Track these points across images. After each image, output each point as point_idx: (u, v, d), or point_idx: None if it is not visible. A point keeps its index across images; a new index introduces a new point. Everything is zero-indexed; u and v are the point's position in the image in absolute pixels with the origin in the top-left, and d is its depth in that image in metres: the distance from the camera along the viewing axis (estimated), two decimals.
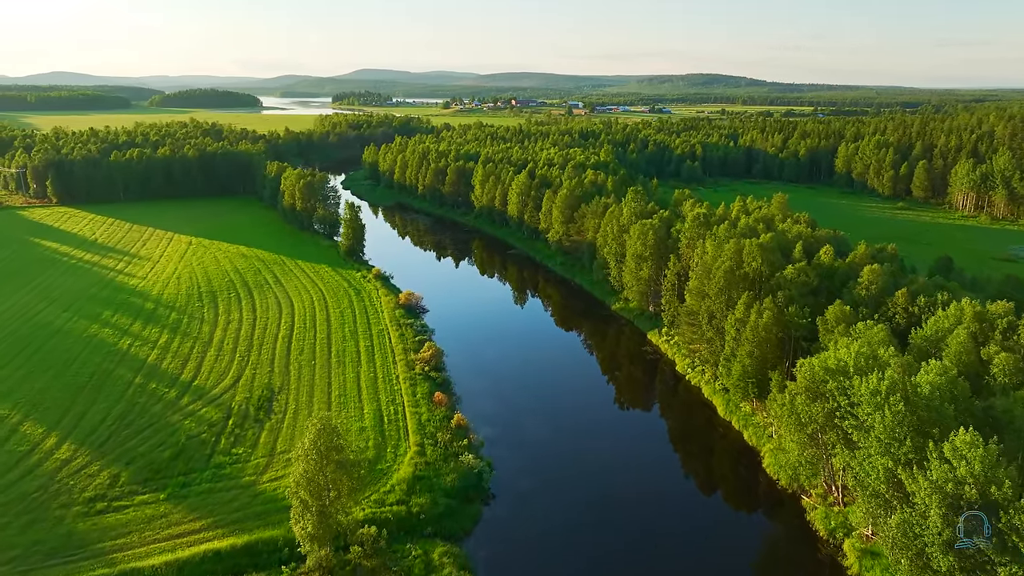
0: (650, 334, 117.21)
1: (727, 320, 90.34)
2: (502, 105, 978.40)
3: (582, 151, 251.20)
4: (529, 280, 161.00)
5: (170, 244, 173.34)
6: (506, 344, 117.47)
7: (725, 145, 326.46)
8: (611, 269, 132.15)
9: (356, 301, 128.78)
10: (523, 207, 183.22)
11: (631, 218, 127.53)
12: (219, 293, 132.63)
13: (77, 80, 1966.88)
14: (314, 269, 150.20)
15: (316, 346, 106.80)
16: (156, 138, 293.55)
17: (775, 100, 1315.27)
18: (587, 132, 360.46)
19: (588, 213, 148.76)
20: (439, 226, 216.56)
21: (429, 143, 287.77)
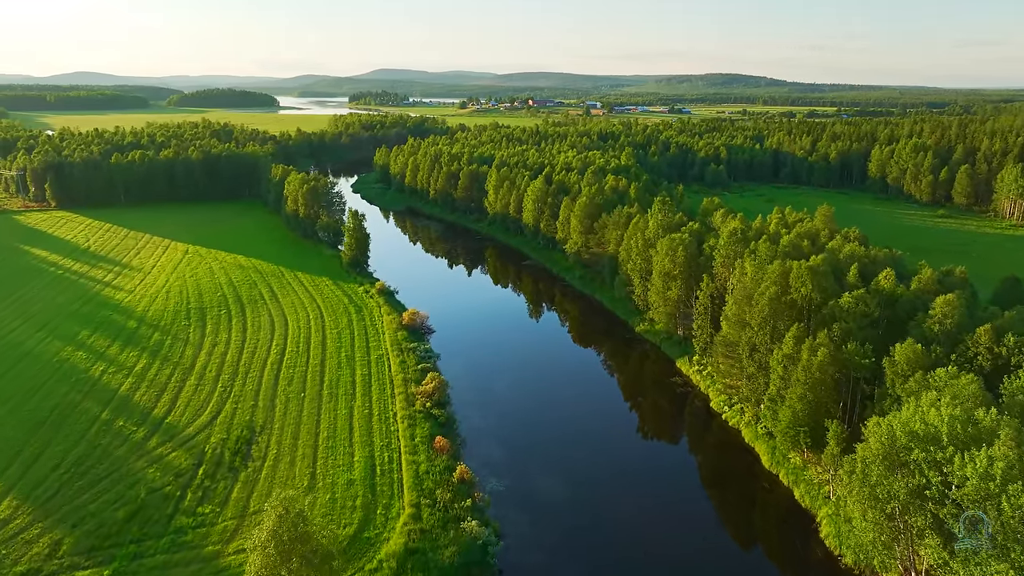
0: (679, 362, 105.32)
1: (772, 355, 78.47)
2: (519, 105, 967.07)
3: (601, 154, 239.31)
4: (545, 294, 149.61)
5: (165, 253, 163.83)
6: (518, 370, 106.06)
7: (750, 148, 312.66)
8: (635, 287, 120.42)
9: (356, 320, 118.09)
10: (539, 215, 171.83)
11: (657, 231, 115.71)
12: (209, 310, 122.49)
13: (99, 80, 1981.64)
14: (314, 282, 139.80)
15: (308, 374, 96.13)
16: (162, 139, 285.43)
17: (796, 100, 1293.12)
18: (606, 133, 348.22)
19: (609, 224, 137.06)
20: (450, 233, 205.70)
21: (442, 145, 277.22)
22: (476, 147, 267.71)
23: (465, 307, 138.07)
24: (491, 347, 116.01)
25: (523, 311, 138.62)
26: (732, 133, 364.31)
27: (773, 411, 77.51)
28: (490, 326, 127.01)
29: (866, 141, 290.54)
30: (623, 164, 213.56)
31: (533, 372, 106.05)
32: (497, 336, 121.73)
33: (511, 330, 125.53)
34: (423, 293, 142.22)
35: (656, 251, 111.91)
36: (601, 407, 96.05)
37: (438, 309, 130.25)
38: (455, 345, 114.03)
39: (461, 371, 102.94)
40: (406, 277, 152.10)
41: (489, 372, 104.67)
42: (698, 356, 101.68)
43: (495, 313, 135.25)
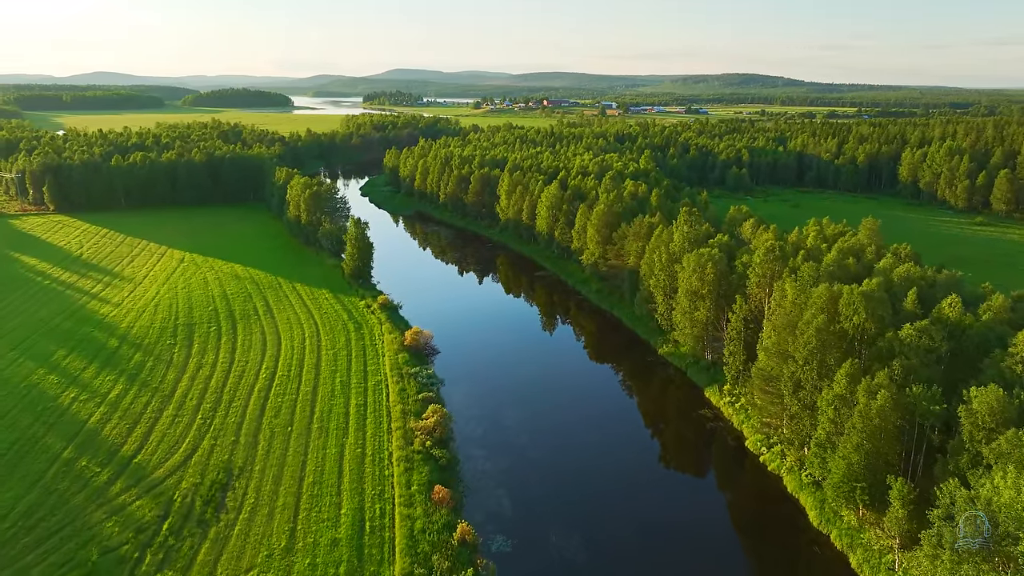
0: (708, 390, 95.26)
1: (821, 395, 68.42)
2: (534, 105, 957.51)
3: (618, 157, 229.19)
4: (559, 308, 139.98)
5: (160, 261, 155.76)
6: (530, 398, 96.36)
7: (773, 150, 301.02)
8: (657, 304, 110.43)
9: (355, 339, 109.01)
10: (553, 222, 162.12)
11: (684, 245, 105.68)
12: (198, 326, 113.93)
13: (117, 80, 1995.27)
14: (313, 295, 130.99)
15: (298, 403, 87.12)
16: (167, 140, 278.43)
17: (815, 101, 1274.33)
18: (623, 135, 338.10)
19: (629, 234, 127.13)
20: (460, 240, 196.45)
21: (454, 147, 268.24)
22: (488, 149, 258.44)
23: (473, 323, 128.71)
24: (500, 369, 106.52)
25: (536, 328, 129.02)
26: (753, 135, 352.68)
27: (822, 459, 67.46)
28: (500, 345, 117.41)
29: (895, 144, 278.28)
30: (642, 168, 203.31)
31: (546, 398, 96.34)
32: (507, 357, 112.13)
33: (522, 350, 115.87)
34: (429, 307, 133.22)
35: (682, 267, 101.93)
36: (621, 437, 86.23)
37: (444, 325, 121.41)
38: (461, 368, 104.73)
39: (467, 399, 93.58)
40: (412, 288, 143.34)
41: (498, 400, 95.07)
42: (729, 386, 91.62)
43: (506, 330, 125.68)
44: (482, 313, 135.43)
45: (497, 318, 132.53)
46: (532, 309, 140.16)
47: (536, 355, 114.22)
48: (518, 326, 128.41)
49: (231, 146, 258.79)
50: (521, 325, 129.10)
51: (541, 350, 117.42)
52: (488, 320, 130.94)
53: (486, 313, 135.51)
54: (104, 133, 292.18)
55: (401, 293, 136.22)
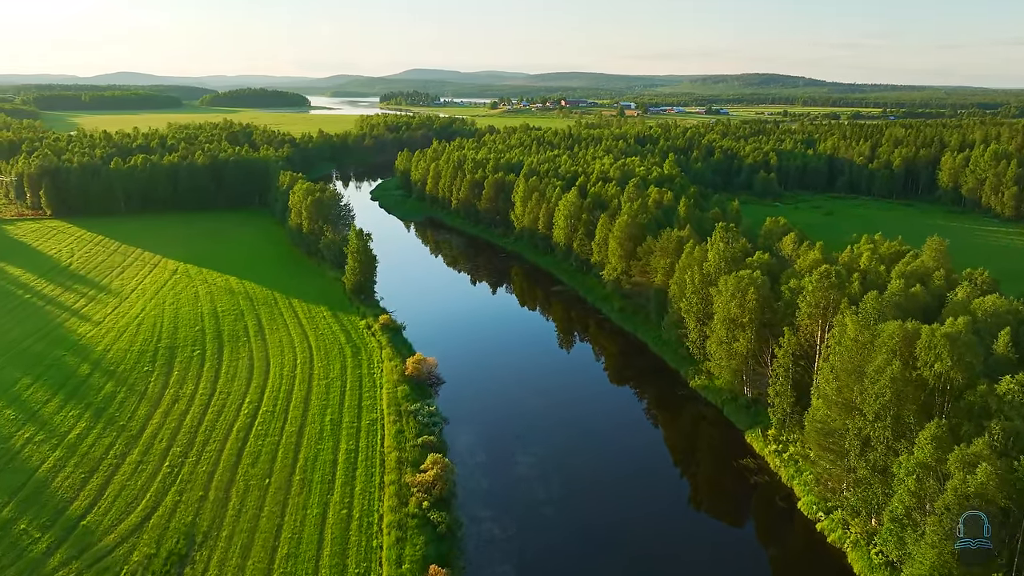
0: (749, 434, 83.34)
1: (898, 463, 56.45)
2: (551, 106, 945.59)
3: (640, 161, 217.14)
4: (578, 327, 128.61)
5: (152, 272, 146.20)
6: (544, 435, 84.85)
7: (802, 153, 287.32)
8: (689, 330, 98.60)
9: (351, 367, 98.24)
10: (572, 232, 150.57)
11: (719, 265, 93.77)
12: (181, 349, 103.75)
13: (139, 80, 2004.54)
14: (310, 313, 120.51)
15: (280, 448, 76.42)
16: (173, 142, 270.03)
17: (837, 101, 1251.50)
18: (643, 137, 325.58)
19: (656, 250, 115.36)
20: (472, 249, 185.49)
21: (468, 150, 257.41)
22: (504, 152, 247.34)
23: (483, 344, 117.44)
24: (512, 401, 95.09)
25: (552, 350, 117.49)
26: (780, 137, 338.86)
27: (899, 538, 55.48)
28: (511, 371, 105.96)
29: (934, 147, 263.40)
30: (666, 173, 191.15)
31: (563, 436, 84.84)
32: (520, 385, 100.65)
33: (537, 377, 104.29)
34: (436, 326, 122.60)
35: (718, 291, 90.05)
36: (649, 489, 74.80)
37: (451, 347, 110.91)
38: (468, 400, 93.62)
39: (473, 441, 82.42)
40: (418, 303, 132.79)
41: (508, 440, 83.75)
42: (775, 431, 79.70)
43: (518, 353, 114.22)
44: (493, 333, 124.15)
45: (509, 339, 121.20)
46: (548, 328, 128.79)
47: (552, 383, 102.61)
48: (532, 348, 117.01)
49: (237, 148, 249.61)
50: (536, 347, 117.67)
51: (557, 377, 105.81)
52: (499, 341, 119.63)
53: (497, 333, 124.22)
54: (109, 134, 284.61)
55: (406, 309, 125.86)
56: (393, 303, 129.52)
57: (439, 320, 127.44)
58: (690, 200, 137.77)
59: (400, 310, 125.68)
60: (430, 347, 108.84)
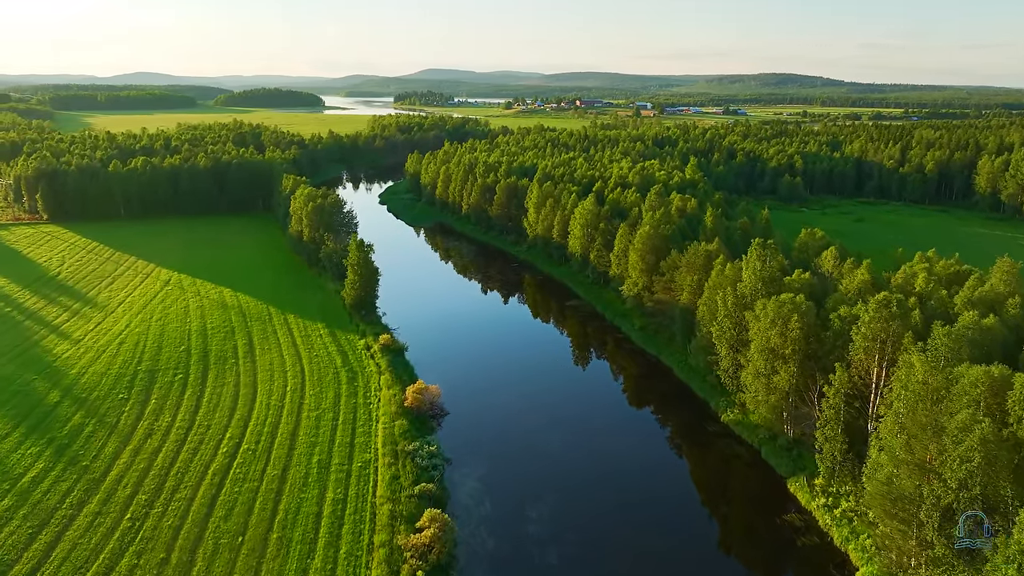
0: (792, 482, 73.24)
1: (992, 544, 46.33)
2: (566, 106, 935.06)
3: (660, 164, 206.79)
4: (595, 345, 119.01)
5: (143, 283, 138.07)
6: (559, 478, 75.24)
7: (828, 156, 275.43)
8: (720, 358, 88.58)
9: (345, 396, 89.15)
10: (588, 242, 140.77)
11: (756, 286, 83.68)
12: (162, 373, 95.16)
13: (158, 80, 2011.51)
14: (305, 331, 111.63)
15: (258, 497, 67.34)
16: (177, 143, 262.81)
17: (857, 101, 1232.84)
18: (662, 138, 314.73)
19: (682, 265, 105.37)
20: (483, 257, 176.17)
21: (480, 152, 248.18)
22: (517, 155, 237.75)
23: (492, 365, 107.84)
24: (523, 435, 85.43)
25: (566, 373, 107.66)
26: (803, 139, 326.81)
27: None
28: (522, 397, 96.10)
29: (969, 150, 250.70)
30: (688, 178, 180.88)
31: (580, 477, 75.17)
32: (532, 415, 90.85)
33: (550, 405, 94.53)
34: (441, 344, 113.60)
35: (755, 316, 79.99)
36: (679, 541, 65.02)
37: (457, 369, 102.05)
38: (474, 435, 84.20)
39: (478, 487, 72.92)
40: (423, 318, 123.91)
41: (519, 485, 74.11)
42: (823, 480, 69.59)
43: (530, 376, 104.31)
44: (503, 352, 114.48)
45: (521, 360, 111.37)
46: (563, 347, 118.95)
47: (567, 412, 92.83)
48: (546, 370, 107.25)
49: (241, 150, 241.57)
50: (549, 369, 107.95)
51: (573, 405, 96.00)
52: (510, 362, 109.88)
53: (508, 352, 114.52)
54: (112, 135, 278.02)
55: (410, 325, 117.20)
56: (396, 318, 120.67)
57: (445, 338, 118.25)
58: (717, 209, 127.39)
59: (404, 327, 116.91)
60: (434, 370, 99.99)
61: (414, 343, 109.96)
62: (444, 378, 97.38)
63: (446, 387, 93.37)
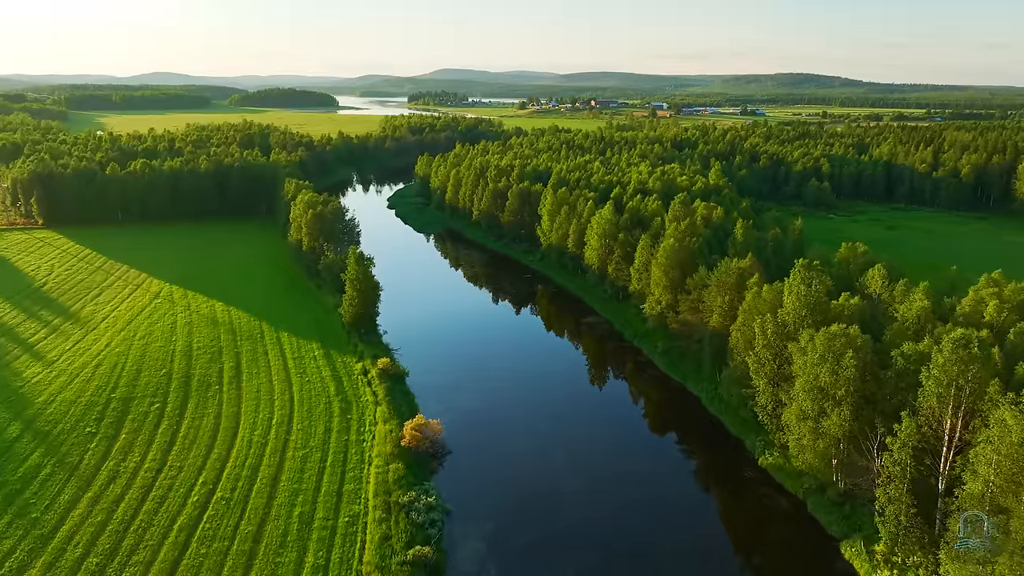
0: (846, 546, 63.07)
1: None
2: (581, 106, 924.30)
3: (681, 168, 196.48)
4: (614, 367, 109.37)
5: (132, 295, 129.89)
6: (577, 530, 65.73)
7: (856, 159, 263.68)
8: (757, 392, 78.51)
9: (336, 430, 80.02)
10: (607, 254, 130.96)
11: (800, 313, 73.55)
12: (138, 402, 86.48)
13: (175, 80, 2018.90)
14: (298, 352, 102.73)
15: (227, 561, 58.17)
16: (181, 144, 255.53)
17: (876, 102, 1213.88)
18: (680, 140, 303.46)
19: (712, 283, 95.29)
20: (493, 266, 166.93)
21: (492, 154, 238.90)
22: (531, 157, 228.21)
23: (500, 389, 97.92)
24: (535, 476, 75.82)
25: (583, 400, 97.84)
26: (828, 141, 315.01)
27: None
28: (533, 430, 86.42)
29: (1008, 153, 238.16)
30: (712, 184, 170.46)
31: (601, 529, 65.52)
32: (543, 451, 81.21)
33: (566, 439, 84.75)
34: (446, 367, 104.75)
35: (800, 349, 69.85)
36: None
37: (462, 395, 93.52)
38: (479, 479, 74.78)
39: (482, 549, 63.40)
40: (427, 337, 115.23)
41: (530, 542, 64.58)
42: (885, 547, 59.47)
43: (543, 405, 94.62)
44: (513, 375, 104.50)
45: (533, 383, 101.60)
46: (579, 369, 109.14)
47: (585, 448, 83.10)
48: (560, 397, 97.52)
49: (246, 152, 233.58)
50: (565, 395, 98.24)
51: (591, 437, 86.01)
52: (520, 386, 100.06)
53: (519, 375, 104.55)
54: (115, 136, 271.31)
55: (413, 344, 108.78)
56: (399, 335, 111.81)
57: (451, 357, 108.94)
58: (748, 221, 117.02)
59: (406, 345, 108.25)
60: (437, 396, 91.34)
61: (417, 364, 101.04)
62: (448, 406, 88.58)
63: (450, 417, 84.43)
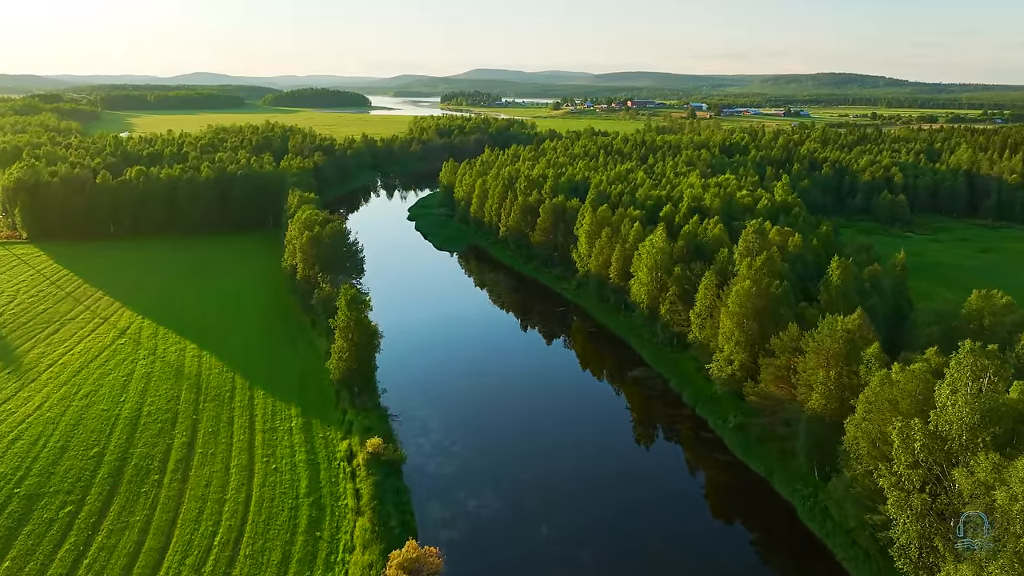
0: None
1: None
2: (616, 107, 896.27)
3: (738, 180, 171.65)
4: (669, 438, 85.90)
5: (96, 331, 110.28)
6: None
7: (931, 169, 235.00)
8: (896, 528, 54.31)
9: (297, 559, 58.20)
10: (658, 290, 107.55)
11: (971, 420, 49.42)
12: (47, 501, 65.77)
13: (215, 80, 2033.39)
14: (272, 421, 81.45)
15: None
16: (188, 149, 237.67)
17: (925, 102, 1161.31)
18: (730, 145, 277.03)
19: (811, 350, 71.34)
20: (521, 293, 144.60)
21: (523, 161, 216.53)
22: (565, 165, 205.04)
23: (525, 482, 75.36)
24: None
25: (632, 486, 74.35)
26: (892, 146, 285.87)
27: None
28: (576, 544, 63.83)
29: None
30: (780, 200, 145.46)
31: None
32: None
33: (617, 560, 62.01)
34: (456, 430, 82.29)
35: (979, 483, 45.83)
36: None
37: (473, 490, 70.10)
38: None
39: None
40: (437, 388, 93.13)
41: None
42: None
43: (586, 502, 71.66)
44: (540, 450, 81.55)
45: (568, 461, 78.38)
46: (624, 439, 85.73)
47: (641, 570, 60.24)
48: (603, 483, 74.34)
49: (253, 158, 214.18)
50: (608, 478, 75.00)
51: (648, 553, 63.14)
52: (554, 469, 76.95)
53: (547, 448, 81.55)
54: (121, 139, 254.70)
55: (417, 403, 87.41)
56: (401, 391, 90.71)
57: (464, 427, 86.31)
58: (846, 259, 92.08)
59: (409, 405, 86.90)
60: (443, 495, 69.26)
61: (420, 434, 79.61)
62: (457, 510, 66.62)
63: (459, 530, 62.41)
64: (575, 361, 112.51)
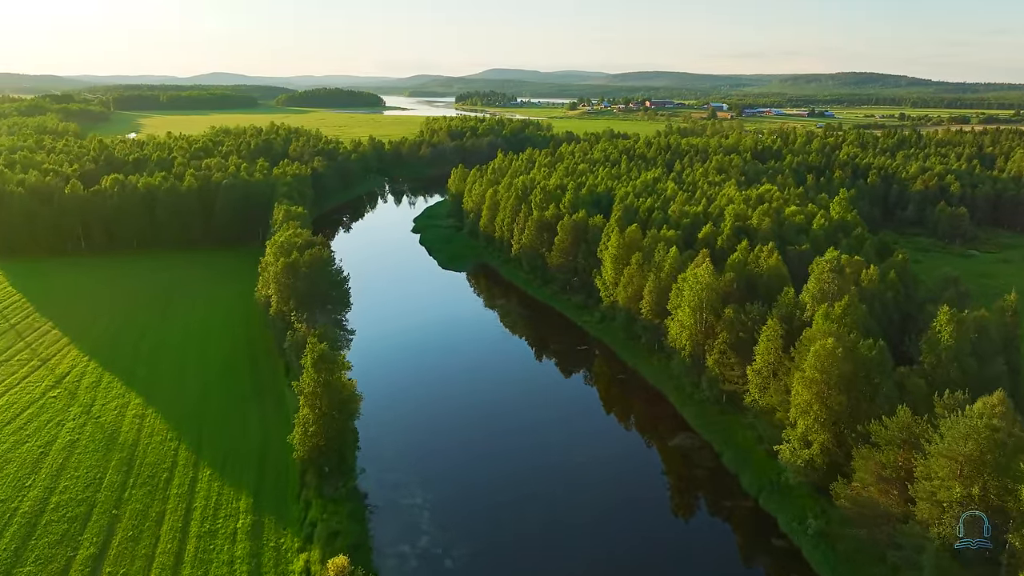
0: None
1: None
2: (634, 107, 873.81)
3: (781, 191, 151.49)
4: (727, 534, 66.31)
5: (28, 378, 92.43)
6: None
7: (991, 177, 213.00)
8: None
9: None
10: (704, 336, 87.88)
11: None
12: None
13: (231, 80, 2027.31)
14: (212, 521, 62.88)
15: None
16: (176, 154, 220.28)
17: (951, 102, 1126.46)
18: (762, 150, 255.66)
19: (936, 454, 51.50)
20: (535, 323, 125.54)
21: (538, 169, 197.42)
22: (585, 173, 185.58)
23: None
24: None
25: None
26: (939, 151, 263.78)
27: None
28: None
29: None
30: (835, 219, 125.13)
31: None
32: None
33: None
34: (454, 537, 62.73)
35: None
36: None
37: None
38: None
39: None
40: (428, 457, 73.43)
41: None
42: None
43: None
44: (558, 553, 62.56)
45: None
46: (671, 551, 66.38)
47: None
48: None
49: (243, 165, 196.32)
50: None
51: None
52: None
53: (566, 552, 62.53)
54: (107, 144, 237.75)
55: (409, 479, 68.14)
56: (383, 465, 71.70)
57: (463, 518, 67.16)
58: (956, 310, 71.91)
59: (394, 492, 67.79)
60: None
61: (404, 533, 60.76)
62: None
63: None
64: (601, 420, 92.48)
